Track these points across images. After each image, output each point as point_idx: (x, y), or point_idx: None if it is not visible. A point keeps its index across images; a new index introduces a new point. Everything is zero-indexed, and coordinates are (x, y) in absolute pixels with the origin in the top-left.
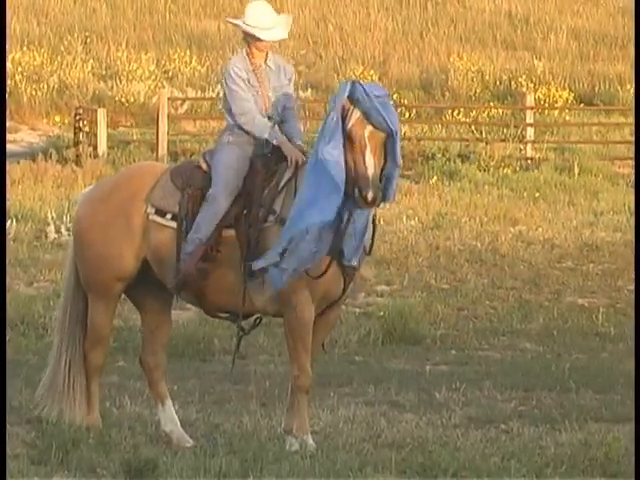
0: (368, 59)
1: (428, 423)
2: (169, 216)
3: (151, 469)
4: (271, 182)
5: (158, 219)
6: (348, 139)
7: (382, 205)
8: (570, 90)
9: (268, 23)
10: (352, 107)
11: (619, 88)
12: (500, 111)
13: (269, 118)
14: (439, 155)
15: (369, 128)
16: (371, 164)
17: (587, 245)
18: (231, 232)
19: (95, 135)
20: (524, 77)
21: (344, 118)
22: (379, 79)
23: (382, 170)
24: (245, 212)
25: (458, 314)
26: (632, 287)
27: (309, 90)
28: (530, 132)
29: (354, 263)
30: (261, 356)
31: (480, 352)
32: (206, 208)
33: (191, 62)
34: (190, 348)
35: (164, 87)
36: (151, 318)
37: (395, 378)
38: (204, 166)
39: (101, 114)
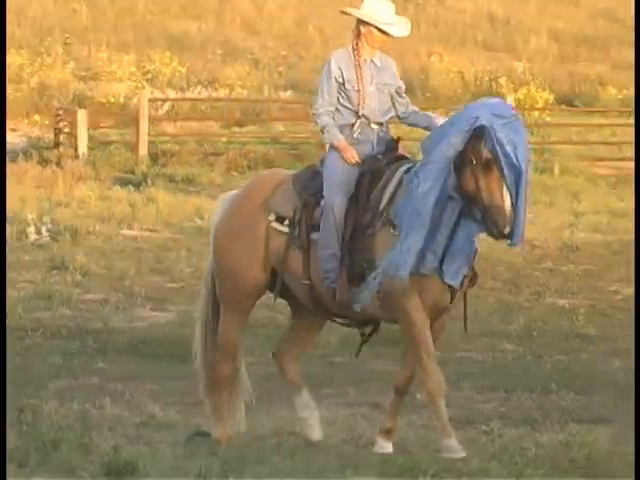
0: None
1: (409, 424)
2: (287, 222)
3: (131, 471)
4: (378, 185)
5: (277, 226)
6: (484, 166)
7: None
8: (550, 91)
9: (391, 19)
10: (482, 141)
11: (599, 89)
12: None
13: (361, 116)
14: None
15: None
16: (508, 196)
17: (567, 246)
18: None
19: (75, 136)
20: (504, 78)
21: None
22: None
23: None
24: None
25: None
26: (613, 288)
27: (289, 91)
28: None
29: (455, 284)
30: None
31: (460, 353)
32: (323, 221)
33: (171, 63)
34: (169, 349)
35: (144, 88)
36: (298, 323)
37: (376, 379)
38: (322, 170)
39: (81, 115)
